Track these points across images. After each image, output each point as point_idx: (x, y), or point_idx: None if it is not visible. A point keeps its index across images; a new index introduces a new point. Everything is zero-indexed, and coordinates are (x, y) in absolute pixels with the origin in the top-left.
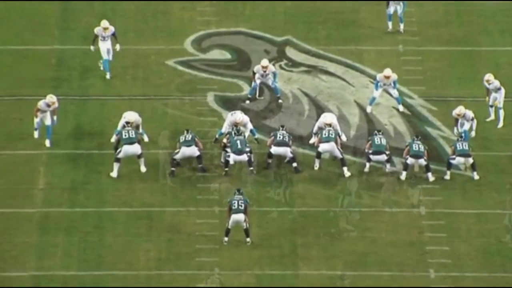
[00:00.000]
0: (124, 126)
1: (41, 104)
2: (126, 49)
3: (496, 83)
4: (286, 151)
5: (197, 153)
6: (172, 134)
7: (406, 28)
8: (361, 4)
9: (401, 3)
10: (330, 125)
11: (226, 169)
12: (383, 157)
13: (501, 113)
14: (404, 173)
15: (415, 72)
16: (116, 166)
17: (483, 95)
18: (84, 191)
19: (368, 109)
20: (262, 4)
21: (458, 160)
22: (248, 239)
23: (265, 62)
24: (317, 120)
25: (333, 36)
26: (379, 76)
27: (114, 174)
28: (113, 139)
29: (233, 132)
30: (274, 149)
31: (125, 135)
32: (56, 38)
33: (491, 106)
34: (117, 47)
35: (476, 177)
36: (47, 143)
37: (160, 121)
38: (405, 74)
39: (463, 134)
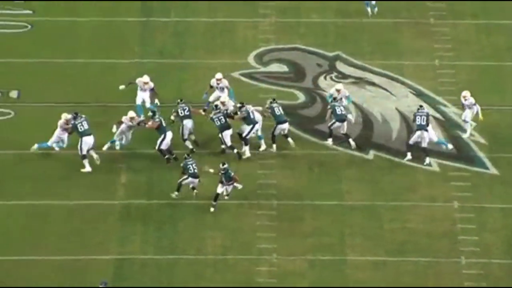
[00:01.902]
0: (75, 118)
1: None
2: (198, 63)
3: (471, 99)
4: (190, 123)
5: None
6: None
7: (441, 46)
8: (401, 24)
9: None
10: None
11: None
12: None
13: (468, 125)
14: (330, 140)
15: (449, 84)
16: (85, 162)
17: (508, 104)
18: (160, 186)
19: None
20: (315, 23)
21: (418, 134)
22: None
23: (218, 75)
24: (363, 125)
25: (377, 52)
26: (332, 90)
27: (86, 169)
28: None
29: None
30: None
31: (80, 128)
32: (136, 53)
33: (465, 121)
34: (156, 101)
35: (427, 161)
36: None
37: None
38: (440, 86)
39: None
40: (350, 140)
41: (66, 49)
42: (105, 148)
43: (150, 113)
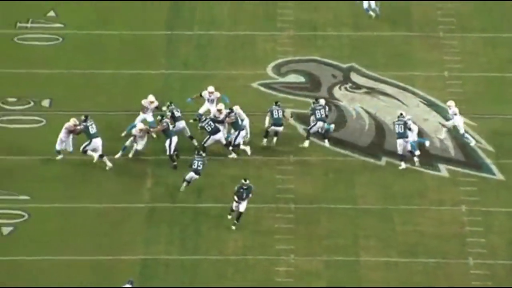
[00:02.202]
0: (86, 120)
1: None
2: (219, 74)
3: (454, 109)
4: (183, 124)
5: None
6: (255, 141)
7: (450, 58)
8: (412, 37)
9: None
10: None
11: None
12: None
13: (467, 136)
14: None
15: (458, 94)
16: (89, 153)
17: None
18: (184, 190)
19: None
20: (331, 37)
21: (399, 142)
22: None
23: (211, 88)
24: (375, 132)
25: (389, 63)
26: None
27: (108, 166)
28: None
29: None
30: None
31: (92, 130)
32: (162, 65)
33: (444, 126)
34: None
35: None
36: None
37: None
38: (449, 95)
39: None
40: (326, 140)
41: (95, 61)
42: (117, 156)
43: (158, 117)
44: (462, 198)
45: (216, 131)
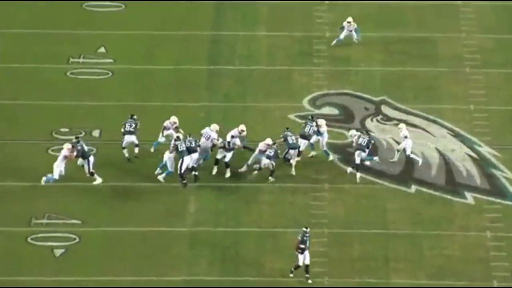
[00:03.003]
0: (79, 141)
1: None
2: (258, 106)
3: (405, 132)
4: (131, 138)
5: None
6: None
7: (476, 92)
8: (440, 73)
9: (353, 32)
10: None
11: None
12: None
13: (413, 156)
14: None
15: (483, 126)
16: (96, 176)
17: None
18: (225, 214)
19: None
20: (363, 71)
21: (357, 153)
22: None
23: (173, 118)
24: (405, 161)
25: (418, 97)
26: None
27: (97, 181)
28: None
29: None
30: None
31: (86, 149)
32: (204, 97)
33: (398, 151)
34: (181, 132)
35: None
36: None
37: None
38: (475, 127)
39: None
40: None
41: (142, 93)
42: (160, 177)
43: (175, 136)
44: (487, 224)
45: (193, 151)
